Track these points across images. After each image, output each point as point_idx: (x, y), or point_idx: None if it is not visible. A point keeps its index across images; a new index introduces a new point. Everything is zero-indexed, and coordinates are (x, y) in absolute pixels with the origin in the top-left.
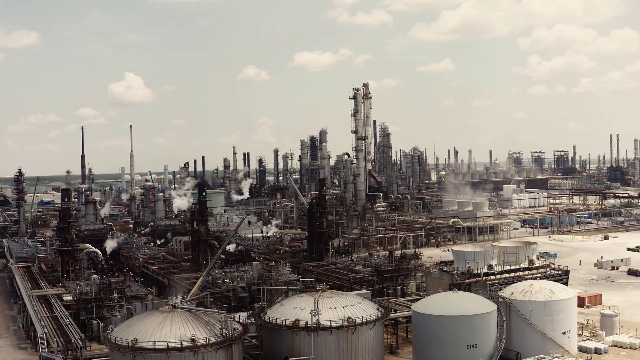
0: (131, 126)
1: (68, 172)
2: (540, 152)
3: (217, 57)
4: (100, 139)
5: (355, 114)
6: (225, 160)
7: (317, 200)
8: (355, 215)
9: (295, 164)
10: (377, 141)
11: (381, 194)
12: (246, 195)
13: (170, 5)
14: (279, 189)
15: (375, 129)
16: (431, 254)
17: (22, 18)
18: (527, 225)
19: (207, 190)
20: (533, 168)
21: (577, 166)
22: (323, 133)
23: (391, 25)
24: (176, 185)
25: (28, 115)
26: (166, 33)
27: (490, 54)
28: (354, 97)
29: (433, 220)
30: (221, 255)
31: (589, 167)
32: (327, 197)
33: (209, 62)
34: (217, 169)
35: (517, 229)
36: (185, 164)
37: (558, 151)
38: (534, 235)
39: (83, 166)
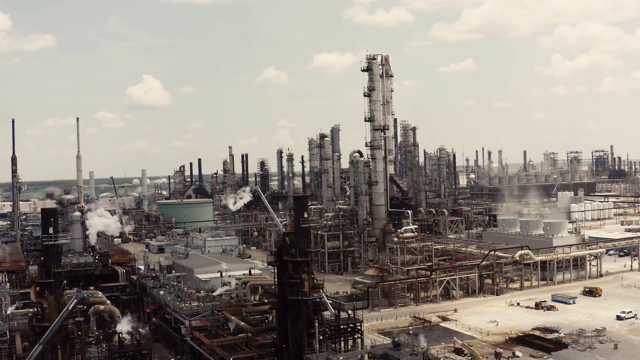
0: (78, 119)
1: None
2: (576, 152)
3: (236, 59)
4: (119, 143)
5: (370, 92)
6: (225, 163)
7: (290, 237)
8: (371, 244)
9: (298, 166)
10: (399, 141)
11: (409, 212)
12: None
13: (188, 7)
14: (280, 198)
15: (396, 127)
16: (492, 315)
17: (37, 21)
18: (611, 253)
19: (193, 199)
20: (579, 170)
21: (615, 168)
22: (335, 130)
23: (411, 24)
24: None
25: (46, 118)
26: (184, 36)
27: (512, 53)
28: (368, 69)
29: (492, 253)
30: (126, 336)
31: (637, 168)
32: (312, 227)
33: (227, 64)
34: (216, 173)
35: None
36: (180, 168)
37: (597, 151)
38: (631, 269)
39: (14, 171)
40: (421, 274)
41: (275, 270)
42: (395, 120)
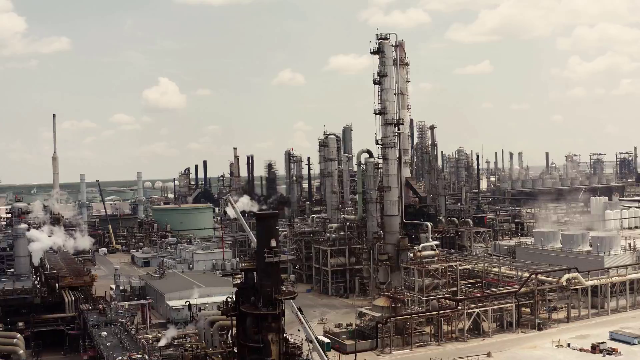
0: (54, 115)
1: None
2: (600, 154)
3: (252, 61)
4: (135, 145)
5: (381, 79)
6: (231, 165)
7: (252, 277)
8: (382, 262)
9: (305, 168)
10: (415, 143)
11: (429, 224)
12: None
13: (204, 9)
14: (286, 202)
15: (412, 128)
16: None
17: (52, 23)
18: None
19: (190, 204)
20: (605, 174)
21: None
22: (347, 130)
23: (428, 26)
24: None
25: (62, 121)
26: (200, 38)
27: (530, 55)
28: (379, 51)
29: (533, 277)
30: None
31: None
32: (314, 241)
33: (243, 66)
34: (222, 176)
35: None
36: (185, 170)
37: (621, 153)
38: None
39: None
40: (444, 305)
41: (234, 323)
42: (411, 120)
